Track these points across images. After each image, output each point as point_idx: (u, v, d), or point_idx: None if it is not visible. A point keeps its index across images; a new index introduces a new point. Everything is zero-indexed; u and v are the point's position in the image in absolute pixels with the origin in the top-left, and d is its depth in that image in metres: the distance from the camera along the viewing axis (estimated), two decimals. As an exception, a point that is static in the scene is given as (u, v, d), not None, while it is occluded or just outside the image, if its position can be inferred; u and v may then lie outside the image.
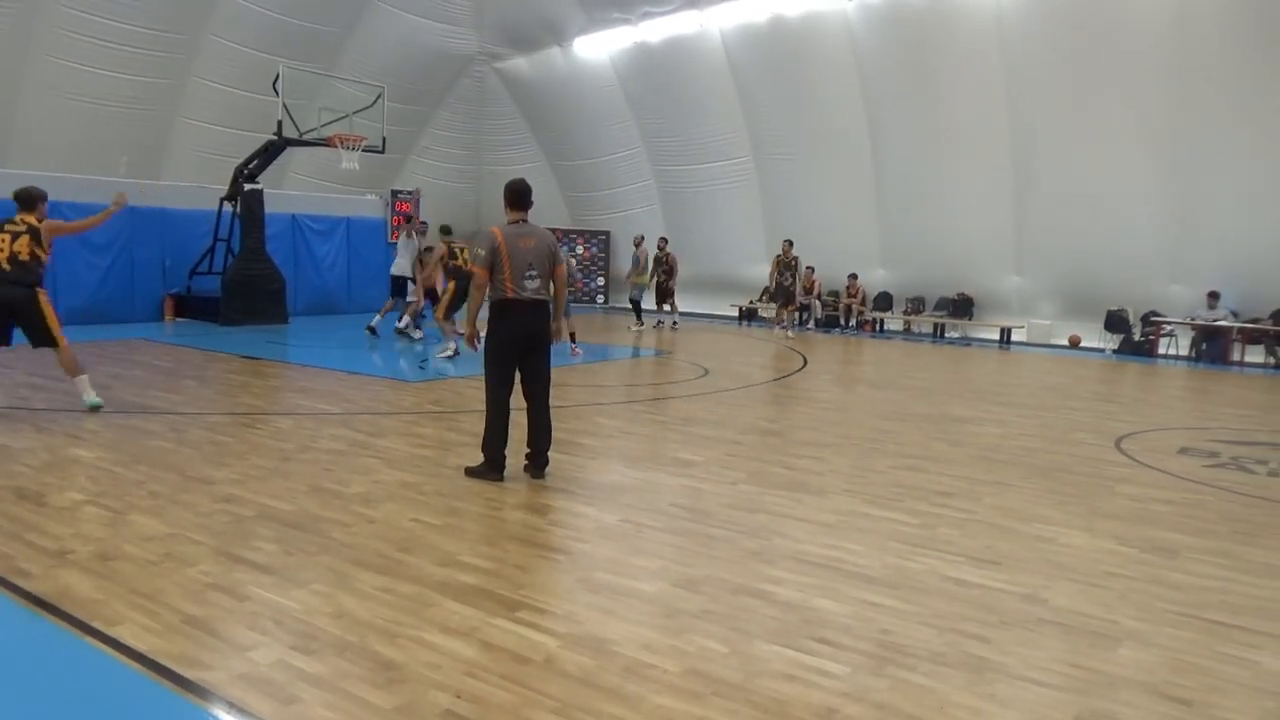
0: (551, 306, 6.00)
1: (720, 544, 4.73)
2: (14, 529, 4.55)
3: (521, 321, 5.80)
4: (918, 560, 4.57)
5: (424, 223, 14.17)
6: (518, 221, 5.87)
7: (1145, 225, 15.31)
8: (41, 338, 7.53)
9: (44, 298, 7.58)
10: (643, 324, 17.61)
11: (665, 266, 17.86)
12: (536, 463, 5.99)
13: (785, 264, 17.23)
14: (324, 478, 5.80)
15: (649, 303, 18.18)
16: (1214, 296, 14.90)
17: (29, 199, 7.67)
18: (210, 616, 3.59)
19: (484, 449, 5.91)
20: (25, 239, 7.36)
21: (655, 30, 19.72)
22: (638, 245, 18.10)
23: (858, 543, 4.82)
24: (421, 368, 11.10)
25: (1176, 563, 4.69)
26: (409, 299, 13.67)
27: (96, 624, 3.46)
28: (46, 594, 3.73)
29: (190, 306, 15.72)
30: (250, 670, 3.14)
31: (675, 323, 17.98)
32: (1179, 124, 14.48)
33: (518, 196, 5.91)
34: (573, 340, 12.60)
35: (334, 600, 3.79)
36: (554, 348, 6.13)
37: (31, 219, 7.50)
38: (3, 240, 7.33)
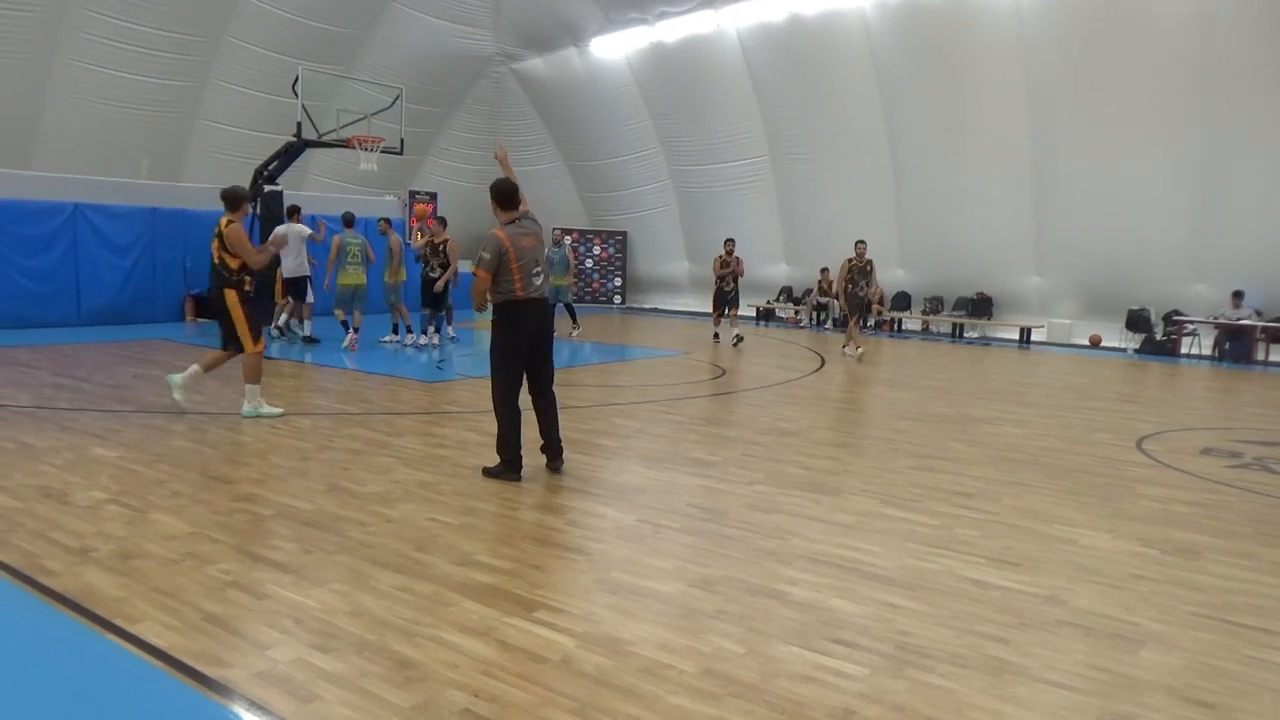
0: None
1: (737, 544, 4.72)
2: (38, 527, 4.60)
3: (532, 321, 5.87)
4: (936, 561, 4.54)
5: (387, 220, 13.68)
6: (513, 220, 5.85)
7: (1167, 224, 15.16)
8: (230, 339, 7.65)
9: (233, 299, 7.58)
10: (578, 326, 15.63)
11: (730, 272, 15.09)
12: (554, 454, 6.11)
13: (859, 269, 13.91)
14: (342, 477, 5.83)
15: (679, 300, 17.29)
16: (1238, 296, 14.73)
17: (230, 200, 7.60)
18: (230, 615, 3.61)
19: (500, 450, 5.93)
20: (216, 242, 7.47)
21: (672, 30, 19.72)
22: (558, 243, 15.40)
23: (876, 543, 4.79)
24: (439, 368, 11.14)
25: (1199, 564, 4.63)
26: (308, 300, 13.30)
27: (118, 621, 3.49)
28: (69, 591, 3.77)
29: (211, 307, 15.84)
30: (269, 668, 3.16)
31: (739, 337, 14.98)
32: (1201, 122, 14.33)
33: (508, 197, 5.89)
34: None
35: (352, 599, 3.80)
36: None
37: (223, 222, 7.49)
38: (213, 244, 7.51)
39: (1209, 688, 3.25)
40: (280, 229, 12.88)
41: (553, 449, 6.13)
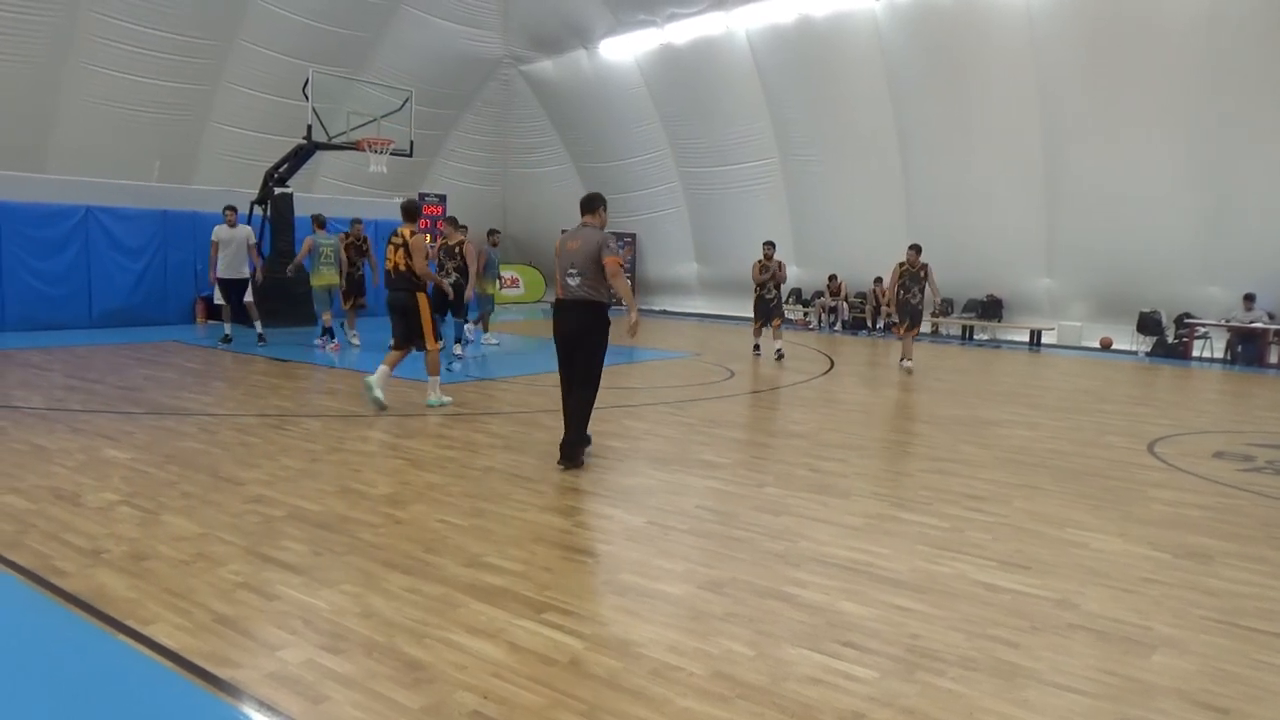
0: (597, 303, 6.22)
1: (746, 546, 4.71)
2: (51, 528, 4.63)
3: (561, 319, 6.26)
4: (947, 564, 4.52)
5: (322, 214, 13.24)
6: (580, 226, 6.32)
7: (1179, 226, 15.08)
8: (417, 338, 8.35)
9: (424, 303, 8.31)
10: (497, 341, 14.21)
11: (770, 277, 13.50)
12: (563, 452, 6.31)
13: (911, 274, 12.53)
14: (352, 479, 5.85)
15: (688, 302, 16.14)
16: (1250, 299, 14.64)
17: (409, 211, 8.30)
18: (241, 616, 3.63)
19: None
20: (400, 252, 8.13)
21: (681, 32, 19.73)
22: (495, 245, 13.88)
23: (885, 546, 4.78)
24: (450, 369, 11.15)
25: (1211, 568, 4.60)
26: (247, 299, 12.85)
27: (130, 622, 3.51)
28: (81, 593, 3.79)
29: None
30: (280, 669, 3.17)
31: (781, 353, 13.40)
32: (1213, 124, 14.26)
33: (581, 203, 6.48)
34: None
35: (362, 600, 3.81)
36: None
37: (406, 232, 8.12)
38: (389, 251, 8.22)
39: (1221, 693, 3.23)
40: (310, 238, 12.84)
41: (562, 449, 6.31)
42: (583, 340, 6.19)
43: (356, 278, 13.03)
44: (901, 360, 12.79)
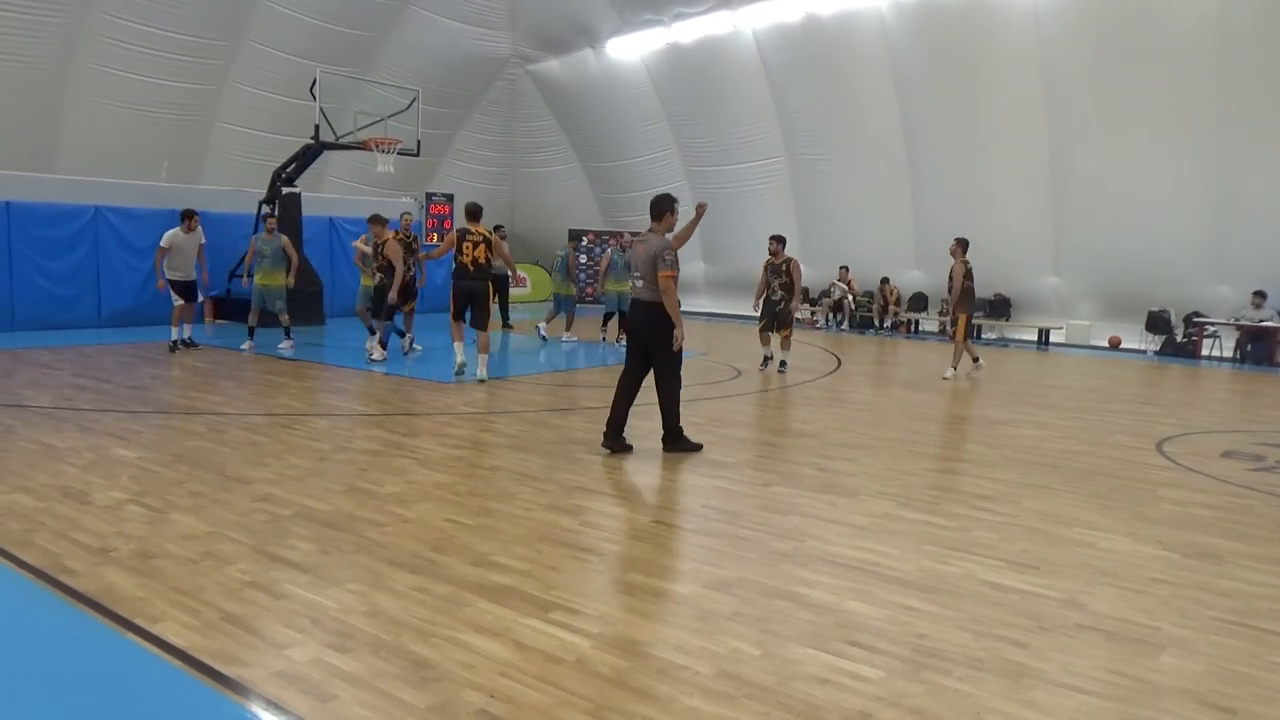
0: (662, 305, 6.56)
1: (753, 546, 4.71)
2: (60, 527, 4.65)
3: (632, 315, 6.88)
4: (954, 564, 4.51)
5: (275, 217, 12.96)
6: (648, 230, 6.79)
7: (1187, 225, 15.01)
8: (480, 321, 9.87)
9: (489, 290, 10.11)
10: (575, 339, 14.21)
11: (783, 279, 11.62)
12: (663, 439, 6.93)
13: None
14: (359, 478, 5.86)
15: (694, 301, 16.64)
16: (1260, 295, 14.56)
17: (476, 213, 9.79)
18: (248, 614, 3.64)
19: None
20: (483, 247, 9.64)
21: (688, 31, 19.71)
22: (624, 247, 12.94)
23: (893, 545, 4.77)
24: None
25: (1221, 568, 4.58)
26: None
27: (138, 621, 3.52)
28: (90, 591, 3.81)
29: (229, 309, 15.97)
30: (287, 668, 3.18)
31: (784, 364, 11.94)
32: (1221, 121, 14.18)
33: (650, 208, 6.83)
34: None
35: (369, 599, 3.82)
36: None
37: (483, 230, 9.71)
38: (467, 247, 9.58)
39: (1231, 693, 3.22)
40: (254, 238, 12.50)
41: (664, 438, 6.93)
42: (654, 339, 6.66)
43: (408, 279, 11.77)
44: (976, 364, 12.02)
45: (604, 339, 14.61)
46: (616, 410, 6.84)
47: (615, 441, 6.83)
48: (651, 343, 6.69)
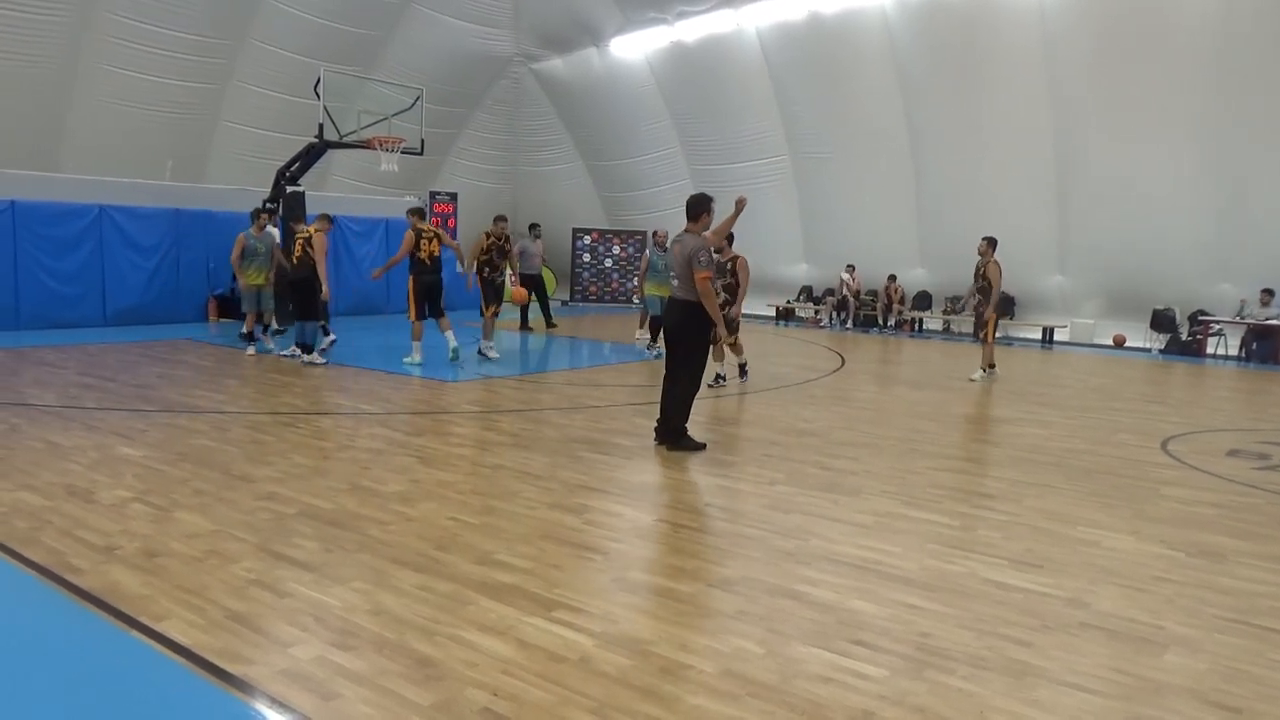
0: (696, 304, 6.66)
1: (756, 544, 4.71)
2: (65, 525, 4.67)
3: (668, 314, 7.06)
4: (957, 562, 4.51)
5: (266, 214, 12.54)
6: (684, 231, 6.91)
7: (1192, 223, 14.97)
8: (441, 310, 10.72)
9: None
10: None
11: (727, 280, 9.95)
12: (658, 434, 7.07)
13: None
14: (363, 476, 5.87)
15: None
16: (1268, 293, 14.51)
17: (422, 211, 10.50)
18: (252, 612, 3.65)
19: None
20: (435, 242, 10.33)
21: (691, 30, 19.69)
22: (661, 244, 12.14)
23: (896, 544, 4.77)
24: (461, 367, 11.17)
25: (1225, 567, 4.58)
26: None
27: (143, 619, 3.54)
28: (95, 589, 3.82)
29: (233, 307, 16.00)
30: (291, 666, 3.19)
31: (720, 376, 10.36)
32: (1226, 120, 14.14)
33: (687, 208, 6.99)
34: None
35: (373, 597, 3.83)
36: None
37: (432, 228, 10.54)
38: (424, 244, 10.11)
39: (1234, 692, 3.21)
40: (242, 235, 11.99)
41: (658, 431, 7.05)
42: (683, 337, 6.82)
43: (498, 283, 11.82)
44: (990, 366, 11.59)
45: (638, 339, 13.88)
46: (666, 410, 7.06)
47: (662, 440, 7.05)
48: (681, 340, 6.85)
